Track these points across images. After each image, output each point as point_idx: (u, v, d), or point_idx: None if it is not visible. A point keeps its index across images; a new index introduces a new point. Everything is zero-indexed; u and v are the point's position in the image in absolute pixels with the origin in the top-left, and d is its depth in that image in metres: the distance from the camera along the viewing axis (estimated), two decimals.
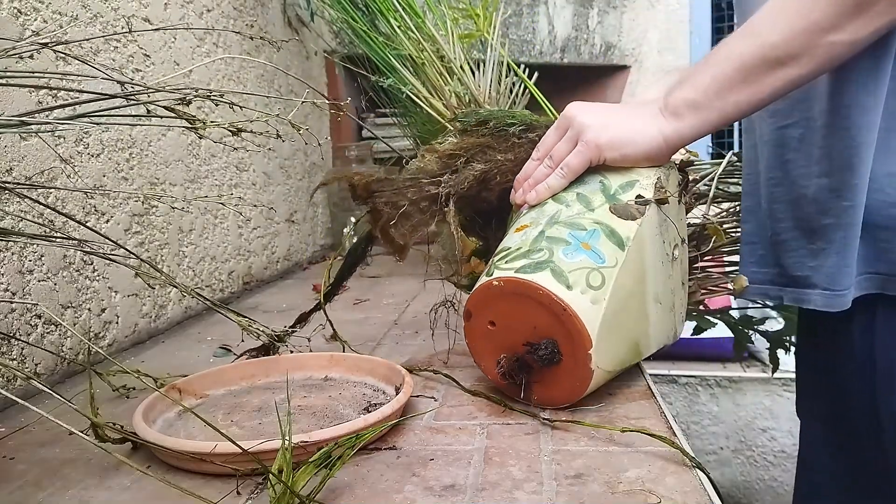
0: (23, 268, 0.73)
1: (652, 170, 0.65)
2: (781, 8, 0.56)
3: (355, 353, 0.74)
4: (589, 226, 0.62)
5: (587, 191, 0.65)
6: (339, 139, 1.77)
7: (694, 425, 2.00)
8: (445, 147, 0.73)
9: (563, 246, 0.60)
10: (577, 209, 0.64)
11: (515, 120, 0.74)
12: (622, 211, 0.62)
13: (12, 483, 0.52)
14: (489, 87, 0.89)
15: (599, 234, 0.61)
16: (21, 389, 0.71)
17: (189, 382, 0.66)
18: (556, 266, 0.59)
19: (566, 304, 0.56)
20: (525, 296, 0.58)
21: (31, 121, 0.58)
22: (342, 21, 1.10)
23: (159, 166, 0.99)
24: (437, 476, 0.50)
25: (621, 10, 2.52)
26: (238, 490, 0.48)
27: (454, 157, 0.72)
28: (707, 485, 0.48)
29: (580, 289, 0.57)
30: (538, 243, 0.61)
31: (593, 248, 0.60)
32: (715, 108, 0.60)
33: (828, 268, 0.63)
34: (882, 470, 0.66)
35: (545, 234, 0.62)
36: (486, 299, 0.61)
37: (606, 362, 0.59)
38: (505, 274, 0.60)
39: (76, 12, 0.83)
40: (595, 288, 0.58)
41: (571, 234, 0.61)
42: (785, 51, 0.56)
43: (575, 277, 0.58)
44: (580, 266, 0.59)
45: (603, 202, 0.63)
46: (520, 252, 0.61)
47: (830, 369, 0.71)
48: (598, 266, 0.59)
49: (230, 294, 1.20)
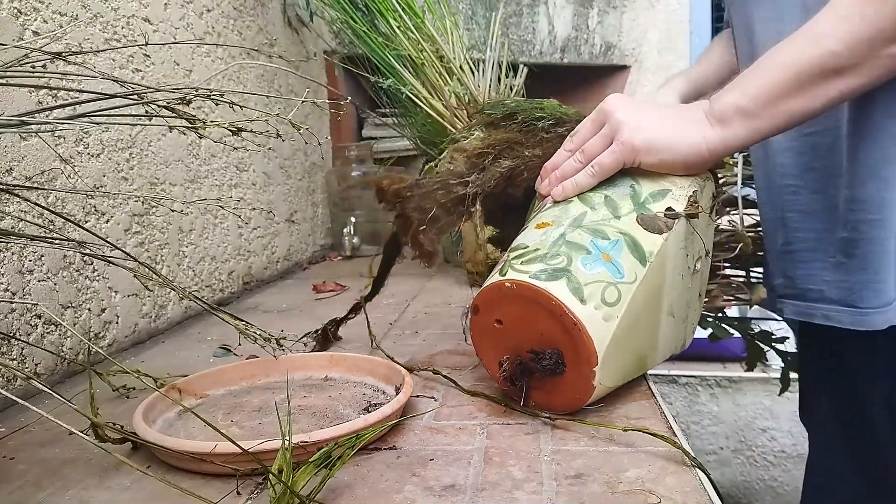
0: (23, 268, 0.73)
1: (688, 180, 0.62)
2: (845, 16, 0.53)
3: (391, 360, 0.72)
4: (612, 235, 0.59)
5: (616, 195, 0.62)
6: (339, 139, 1.77)
7: (694, 425, 2.00)
8: (474, 145, 0.70)
9: (583, 255, 0.58)
10: (603, 214, 0.61)
11: (545, 113, 0.72)
12: (649, 223, 0.60)
13: (12, 483, 0.52)
14: (489, 88, 0.89)
15: (622, 246, 0.58)
16: (21, 389, 0.71)
17: (189, 382, 0.66)
18: (572, 276, 0.56)
19: (578, 318, 0.55)
20: (536, 302, 0.56)
21: (31, 121, 0.58)
22: (342, 21, 1.10)
23: (159, 166, 0.99)
24: (437, 476, 0.50)
25: (621, 10, 2.52)
26: (238, 490, 0.48)
27: (482, 156, 0.69)
28: (707, 485, 0.48)
29: (594, 304, 0.55)
30: (557, 248, 0.59)
31: (613, 261, 0.57)
32: (766, 116, 0.56)
33: (850, 283, 0.60)
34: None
35: (566, 238, 0.59)
36: (497, 298, 0.59)
37: (610, 379, 0.58)
38: (519, 277, 0.57)
39: (76, 12, 0.83)
40: (610, 304, 0.56)
41: (593, 243, 0.59)
42: (846, 60, 0.53)
43: (590, 291, 0.56)
44: (597, 279, 0.56)
45: (631, 210, 0.60)
46: (537, 254, 0.59)
47: (847, 399, 0.69)
48: (616, 281, 0.57)
49: (230, 294, 1.20)
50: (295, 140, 1.45)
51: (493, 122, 0.73)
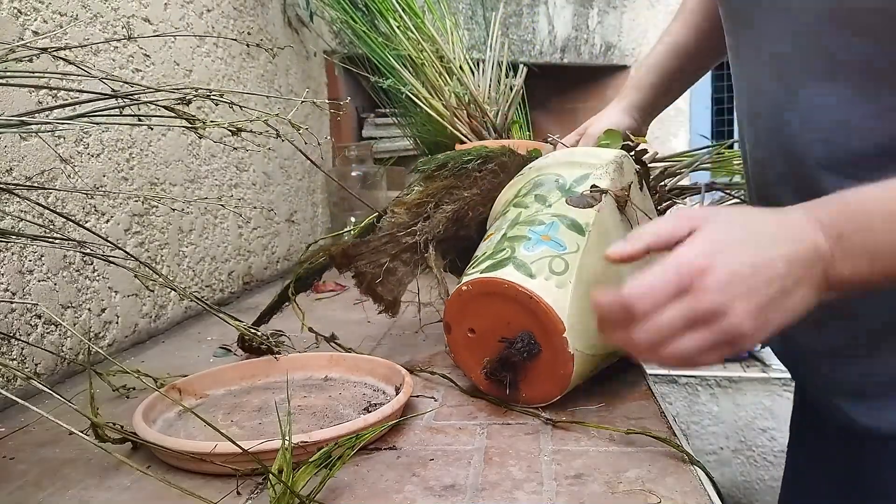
0: (23, 268, 0.73)
1: (604, 159, 0.67)
2: None
3: (342, 349, 0.74)
4: (547, 220, 0.63)
5: (544, 190, 0.67)
6: (339, 139, 1.77)
7: (694, 425, 2.00)
8: (413, 197, 0.75)
9: (524, 242, 0.62)
10: (536, 208, 0.65)
11: (471, 156, 0.77)
12: (578, 201, 0.64)
13: (12, 483, 0.52)
14: (488, 87, 0.89)
15: (558, 226, 0.62)
16: (21, 389, 0.71)
17: (189, 382, 0.66)
18: (518, 260, 0.60)
19: (531, 291, 0.58)
20: (493, 294, 0.60)
21: (31, 121, 0.58)
22: (342, 21, 1.10)
23: (159, 166, 0.99)
24: (437, 476, 0.50)
25: (621, 10, 2.52)
26: (238, 490, 0.48)
27: (422, 205, 0.74)
28: (707, 484, 0.48)
29: (544, 276, 0.59)
30: (501, 244, 0.63)
31: (553, 238, 0.61)
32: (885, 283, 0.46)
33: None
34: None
35: (507, 236, 0.64)
36: (460, 306, 0.62)
37: (584, 344, 0.59)
38: (472, 277, 0.61)
39: (76, 12, 0.83)
40: (558, 273, 0.59)
41: (531, 230, 0.63)
42: None
43: (537, 267, 0.59)
44: (541, 256, 0.60)
45: (559, 198, 0.65)
46: (484, 256, 0.63)
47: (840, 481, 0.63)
48: (559, 253, 0.60)
49: (230, 294, 1.20)
50: (295, 140, 1.45)
51: (429, 175, 0.78)
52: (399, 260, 0.73)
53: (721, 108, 2.66)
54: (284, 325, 0.82)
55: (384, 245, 0.73)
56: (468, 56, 0.93)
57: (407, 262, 0.73)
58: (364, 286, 0.73)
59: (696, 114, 2.70)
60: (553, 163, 0.72)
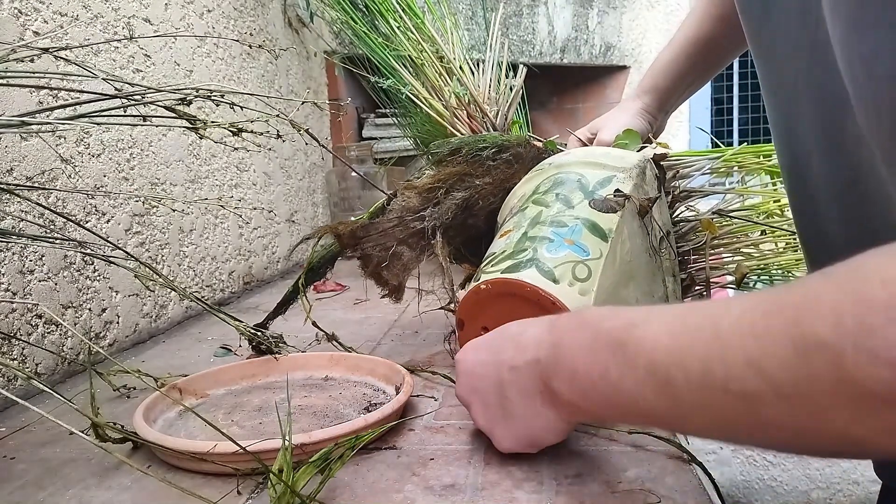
0: (23, 268, 0.73)
1: (629, 163, 0.67)
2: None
3: (343, 347, 0.74)
4: (570, 222, 0.62)
5: (566, 190, 0.66)
6: (339, 139, 1.77)
7: None
8: (424, 181, 0.74)
9: (547, 243, 0.61)
10: (558, 208, 0.65)
11: (487, 143, 0.75)
12: (602, 205, 0.63)
13: (12, 483, 0.52)
14: (488, 88, 0.89)
15: (581, 229, 0.62)
16: (22, 389, 0.71)
17: (189, 382, 0.67)
18: (541, 262, 0.59)
19: (555, 297, 0.57)
20: (514, 295, 0.59)
21: (32, 121, 0.58)
22: (342, 22, 1.10)
23: (160, 166, 1.00)
24: (438, 476, 0.50)
25: (621, 11, 2.52)
26: (238, 490, 0.49)
27: (433, 190, 0.73)
28: (707, 484, 0.48)
29: (567, 282, 0.58)
30: (522, 244, 0.62)
31: (577, 243, 0.61)
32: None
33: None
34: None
35: (528, 235, 0.63)
36: (477, 304, 0.62)
37: None
38: (492, 276, 0.60)
39: (76, 13, 0.83)
40: (582, 280, 0.58)
41: (554, 232, 0.62)
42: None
43: (561, 271, 0.59)
44: (565, 260, 0.59)
45: (582, 199, 0.64)
46: (504, 254, 0.62)
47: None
48: (583, 259, 0.59)
49: (231, 294, 1.20)
50: (295, 140, 1.45)
51: (441, 160, 0.77)
52: (405, 244, 0.72)
53: (721, 109, 2.66)
54: (284, 325, 0.82)
55: (392, 228, 0.71)
56: (468, 56, 0.93)
57: (413, 246, 0.72)
58: (369, 270, 0.72)
59: (696, 114, 2.71)
60: (574, 161, 0.70)
